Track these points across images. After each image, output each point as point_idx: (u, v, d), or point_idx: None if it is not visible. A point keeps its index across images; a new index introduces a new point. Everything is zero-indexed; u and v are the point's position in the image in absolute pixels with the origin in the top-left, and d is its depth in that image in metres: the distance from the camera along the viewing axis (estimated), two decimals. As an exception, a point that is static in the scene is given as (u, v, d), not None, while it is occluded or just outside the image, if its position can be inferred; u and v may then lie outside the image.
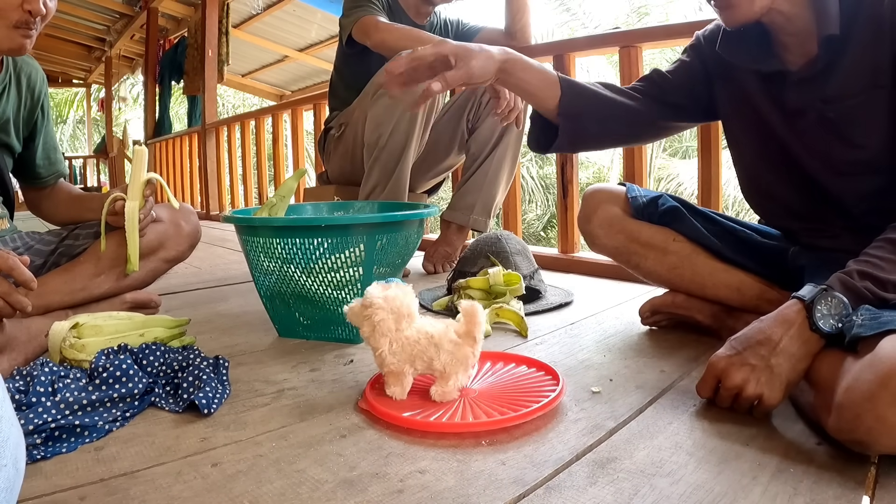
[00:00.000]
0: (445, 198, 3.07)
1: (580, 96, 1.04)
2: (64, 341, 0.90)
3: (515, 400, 0.79)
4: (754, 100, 0.96)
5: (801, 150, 0.93)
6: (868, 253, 0.77)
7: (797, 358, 0.72)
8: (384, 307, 0.78)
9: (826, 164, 0.90)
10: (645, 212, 1.10)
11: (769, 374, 0.72)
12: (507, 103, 1.58)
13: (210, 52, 4.44)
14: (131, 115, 12.61)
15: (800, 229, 1.00)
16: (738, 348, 0.76)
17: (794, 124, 0.92)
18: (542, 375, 0.89)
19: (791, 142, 0.93)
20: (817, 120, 0.88)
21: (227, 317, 1.35)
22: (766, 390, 0.72)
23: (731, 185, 9.61)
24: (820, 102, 0.87)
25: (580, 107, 1.03)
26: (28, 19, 0.99)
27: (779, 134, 0.94)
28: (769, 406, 0.73)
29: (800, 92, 0.89)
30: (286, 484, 0.61)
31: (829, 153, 0.89)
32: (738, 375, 0.74)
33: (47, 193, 1.33)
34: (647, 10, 11.50)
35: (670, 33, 1.80)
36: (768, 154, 0.98)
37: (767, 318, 0.76)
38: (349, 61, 1.88)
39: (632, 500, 0.57)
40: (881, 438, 0.58)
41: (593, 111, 1.04)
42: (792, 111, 0.91)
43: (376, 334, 0.79)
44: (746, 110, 0.98)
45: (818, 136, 0.89)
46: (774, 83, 0.92)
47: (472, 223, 1.83)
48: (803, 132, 0.91)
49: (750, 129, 0.99)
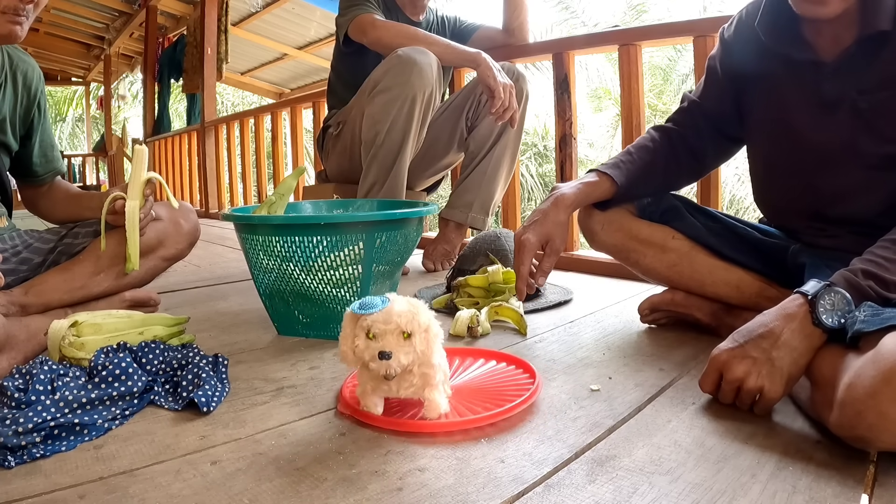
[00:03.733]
0: (445, 195, 3.07)
1: (630, 189, 1.08)
2: (63, 339, 0.90)
3: (491, 397, 0.80)
4: (782, 90, 0.95)
5: (828, 144, 0.91)
6: (873, 252, 0.76)
7: (799, 352, 0.72)
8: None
9: (854, 157, 0.89)
10: (647, 210, 1.10)
11: (770, 367, 0.72)
12: (501, 102, 1.58)
13: (209, 50, 4.43)
14: (130, 113, 12.62)
15: (802, 227, 1.00)
16: (739, 341, 0.76)
17: (826, 116, 0.90)
18: (513, 370, 0.90)
19: (819, 135, 0.92)
20: (850, 111, 0.87)
21: (227, 315, 1.35)
22: (767, 383, 0.72)
23: (729, 184, 9.65)
24: (855, 93, 0.86)
25: (631, 196, 1.10)
26: (16, 5, 0.98)
27: (806, 127, 0.93)
28: (770, 399, 0.73)
29: (836, 82, 0.88)
30: (285, 482, 0.61)
31: (858, 146, 0.88)
32: (739, 368, 0.74)
33: (44, 192, 1.32)
34: (644, 7, 11.49)
35: (669, 31, 1.81)
36: (791, 148, 0.97)
37: (770, 312, 0.76)
38: (346, 60, 1.88)
39: (631, 498, 0.57)
40: (883, 435, 0.58)
41: (642, 191, 1.11)
42: (827, 102, 0.90)
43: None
44: (775, 104, 0.97)
45: (848, 127, 0.88)
46: (807, 72, 0.91)
47: (471, 221, 1.83)
48: (833, 124, 0.90)
49: (775, 124, 0.99)
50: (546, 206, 1.07)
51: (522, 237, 1.05)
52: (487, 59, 1.62)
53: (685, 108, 1.12)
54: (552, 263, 1.09)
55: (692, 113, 1.11)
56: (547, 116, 11.25)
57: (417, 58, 1.56)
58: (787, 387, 0.72)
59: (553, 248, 1.07)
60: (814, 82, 0.91)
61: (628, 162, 1.09)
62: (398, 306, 0.70)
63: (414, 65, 1.56)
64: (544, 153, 11.51)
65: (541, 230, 1.05)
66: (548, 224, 1.06)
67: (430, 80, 1.58)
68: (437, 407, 0.74)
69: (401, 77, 1.57)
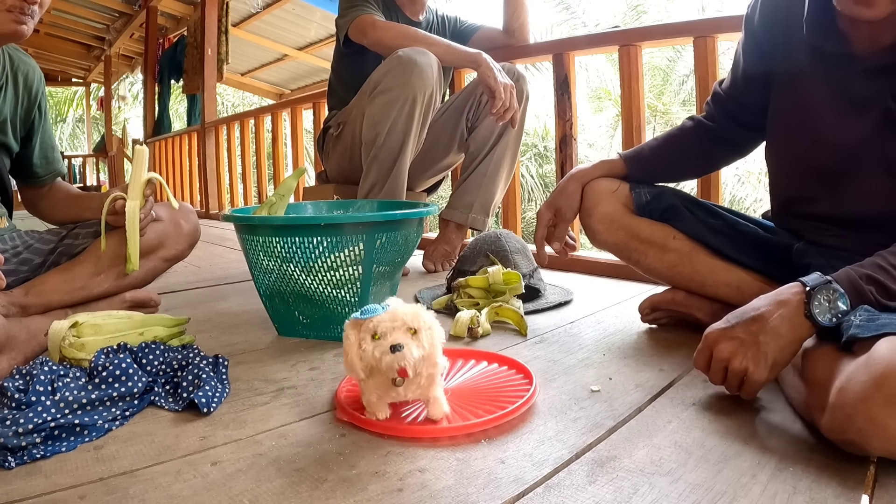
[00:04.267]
0: (445, 196, 3.07)
1: (643, 168, 1.15)
2: (63, 340, 0.90)
3: (488, 400, 0.79)
4: (808, 85, 0.91)
5: (850, 143, 0.87)
6: (884, 257, 0.75)
7: (785, 340, 0.72)
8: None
9: (879, 162, 0.86)
10: (647, 208, 1.10)
11: (756, 351, 0.72)
12: (502, 103, 1.58)
13: (209, 50, 4.44)
14: (131, 113, 12.62)
15: (809, 226, 0.98)
16: (731, 322, 0.76)
17: (851, 116, 0.87)
18: (506, 370, 0.90)
19: (842, 133, 0.88)
20: (881, 114, 0.83)
21: (227, 316, 1.35)
22: (752, 365, 0.72)
23: (729, 184, 9.65)
24: (890, 97, 0.82)
25: (644, 175, 1.15)
26: (22, 4, 0.98)
27: (829, 123, 0.89)
28: (755, 382, 0.73)
29: (869, 81, 0.83)
30: (286, 483, 0.61)
31: (885, 152, 0.85)
32: (726, 348, 0.74)
33: (45, 193, 1.32)
34: (644, 8, 11.50)
35: (670, 32, 1.81)
36: (810, 142, 0.93)
37: (766, 297, 0.76)
38: (346, 61, 1.88)
39: (631, 498, 0.57)
40: (872, 440, 0.58)
41: (657, 169, 1.16)
42: (856, 102, 0.86)
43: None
44: (799, 95, 0.93)
45: (877, 131, 0.85)
46: (838, 67, 0.86)
47: (471, 222, 1.83)
48: (860, 126, 0.86)
49: (796, 116, 0.95)
50: (561, 181, 1.19)
51: (538, 211, 1.19)
52: (488, 59, 1.62)
53: (713, 98, 1.12)
54: (564, 229, 1.18)
55: (720, 103, 1.10)
56: (547, 117, 11.25)
57: (418, 59, 1.56)
58: (771, 371, 0.73)
59: (562, 216, 1.16)
60: (844, 78, 0.86)
61: (648, 144, 1.17)
62: (401, 307, 0.71)
63: (414, 66, 1.56)
64: (544, 154, 11.52)
65: (551, 201, 1.17)
66: (557, 196, 1.16)
67: (431, 81, 1.58)
68: (442, 407, 0.74)
69: (401, 78, 1.57)
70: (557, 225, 1.17)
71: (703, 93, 1.64)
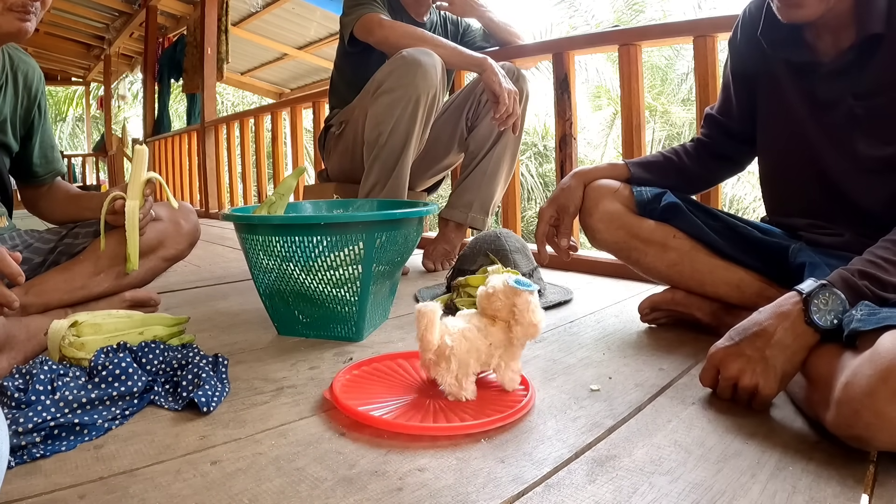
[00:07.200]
0: (445, 195, 3.07)
1: (646, 173, 1.18)
2: (63, 339, 0.90)
3: (490, 401, 0.79)
4: (785, 92, 0.98)
5: (826, 145, 0.93)
6: (872, 252, 0.77)
7: (792, 350, 0.73)
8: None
9: (851, 160, 0.90)
10: (647, 207, 1.11)
11: (764, 366, 0.73)
12: (505, 108, 1.58)
13: (209, 49, 4.43)
14: (130, 113, 12.62)
15: (804, 226, 1.00)
16: (735, 339, 0.77)
17: (822, 117, 0.92)
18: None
19: (817, 135, 0.93)
20: (846, 115, 0.88)
21: (227, 315, 1.35)
22: (762, 381, 0.73)
23: (729, 185, 9.64)
24: (850, 97, 0.87)
25: (646, 181, 1.17)
26: (25, 2, 0.98)
27: (805, 127, 0.95)
28: (765, 397, 0.73)
29: (830, 84, 0.89)
30: (285, 482, 0.61)
31: (856, 150, 0.89)
32: (734, 366, 0.75)
33: (44, 192, 1.32)
34: (641, 6, 11.50)
35: (669, 31, 1.81)
36: (792, 147, 0.99)
37: (766, 310, 0.77)
38: (350, 59, 1.88)
39: (631, 498, 0.57)
40: (879, 434, 0.58)
41: (659, 179, 1.17)
42: (822, 104, 0.91)
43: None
44: (777, 102, 1.00)
45: (846, 131, 0.89)
46: (805, 75, 0.93)
47: (470, 221, 1.83)
48: (831, 126, 0.91)
49: (778, 122, 1.01)
50: (563, 179, 1.20)
51: (540, 209, 1.21)
52: (493, 64, 1.62)
53: (707, 120, 1.18)
54: (570, 224, 1.19)
55: (714, 125, 1.17)
56: (547, 116, 11.26)
57: (422, 59, 1.56)
58: (781, 384, 0.73)
59: (565, 210, 1.18)
60: (812, 83, 0.92)
61: (652, 154, 1.22)
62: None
63: (419, 66, 1.56)
64: (544, 153, 11.52)
65: (553, 198, 1.19)
66: (560, 192, 1.19)
67: (435, 82, 1.58)
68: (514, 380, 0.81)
69: (405, 78, 1.57)
70: (562, 221, 1.19)
71: (703, 92, 1.65)
